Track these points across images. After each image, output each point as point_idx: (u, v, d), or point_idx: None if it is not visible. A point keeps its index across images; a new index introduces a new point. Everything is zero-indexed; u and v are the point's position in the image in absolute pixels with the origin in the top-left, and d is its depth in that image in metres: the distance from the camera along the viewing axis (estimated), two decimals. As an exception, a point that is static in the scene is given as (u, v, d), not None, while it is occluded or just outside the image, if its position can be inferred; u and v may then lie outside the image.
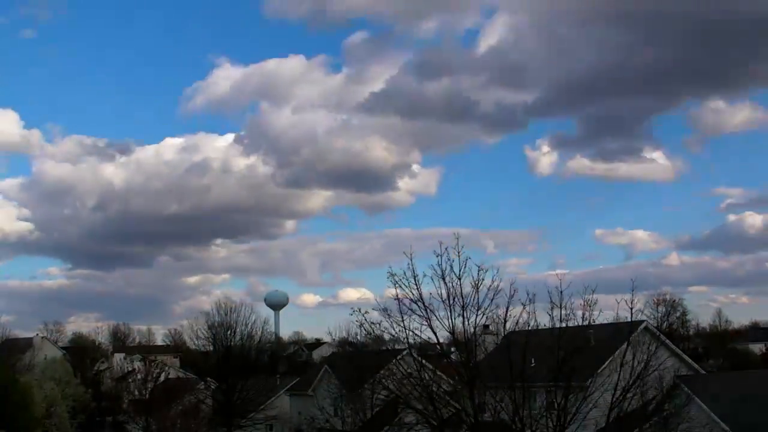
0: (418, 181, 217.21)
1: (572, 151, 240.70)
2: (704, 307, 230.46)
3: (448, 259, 28.86)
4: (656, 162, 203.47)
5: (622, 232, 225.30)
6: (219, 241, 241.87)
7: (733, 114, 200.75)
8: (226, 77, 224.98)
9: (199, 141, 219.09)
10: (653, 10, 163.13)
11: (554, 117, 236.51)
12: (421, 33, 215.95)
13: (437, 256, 28.95)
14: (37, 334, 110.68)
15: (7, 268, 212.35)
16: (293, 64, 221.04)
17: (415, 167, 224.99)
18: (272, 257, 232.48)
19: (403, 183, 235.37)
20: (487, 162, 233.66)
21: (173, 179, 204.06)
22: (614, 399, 29.04)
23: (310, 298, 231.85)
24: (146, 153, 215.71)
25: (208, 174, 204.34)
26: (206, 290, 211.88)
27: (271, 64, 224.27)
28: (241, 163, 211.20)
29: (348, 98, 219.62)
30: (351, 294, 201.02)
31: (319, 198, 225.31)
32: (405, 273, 29.37)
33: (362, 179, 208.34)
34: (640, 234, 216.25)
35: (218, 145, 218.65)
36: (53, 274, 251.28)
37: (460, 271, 28.86)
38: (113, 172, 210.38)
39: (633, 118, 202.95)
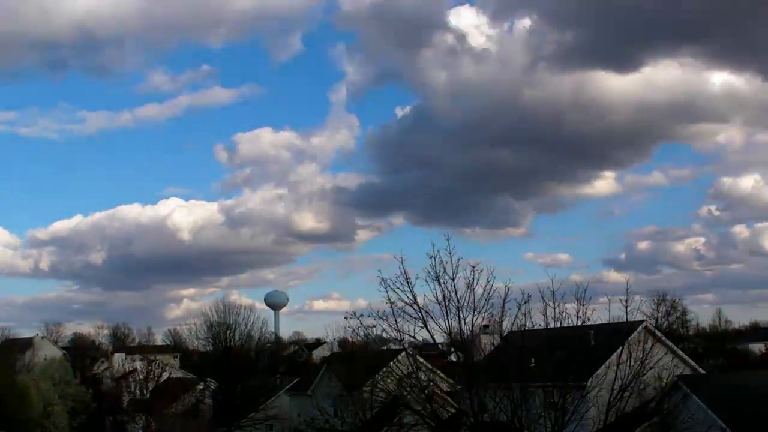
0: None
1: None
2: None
3: (441, 261, 28.83)
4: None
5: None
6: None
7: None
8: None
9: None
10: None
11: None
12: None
13: (431, 258, 28.93)
14: (37, 334, 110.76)
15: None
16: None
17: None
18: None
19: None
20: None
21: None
22: (612, 398, 29.00)
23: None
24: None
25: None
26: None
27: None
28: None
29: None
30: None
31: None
32: (398, 277, 29.29)
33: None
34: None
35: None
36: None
37: (453, 272, 28.83)
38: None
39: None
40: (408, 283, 29.18)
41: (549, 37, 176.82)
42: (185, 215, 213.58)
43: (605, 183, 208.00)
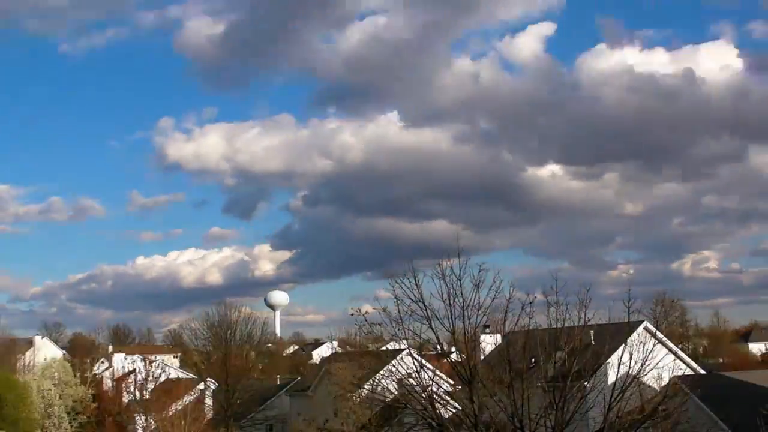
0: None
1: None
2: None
3: (449, 259, 28.96)
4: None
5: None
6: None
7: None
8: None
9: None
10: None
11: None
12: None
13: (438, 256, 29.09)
14: (37, 334, 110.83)
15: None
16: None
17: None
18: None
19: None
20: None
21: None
22: (612, 399, 29.03)
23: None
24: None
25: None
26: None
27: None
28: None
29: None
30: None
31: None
32: (405, 273, 29.46)
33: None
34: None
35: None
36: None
37: (460, 271, 28.94)
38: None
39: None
40: (415, 279, 29.35)
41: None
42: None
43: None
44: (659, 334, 42.83)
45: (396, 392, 34.50)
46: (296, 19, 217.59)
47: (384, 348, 59.38)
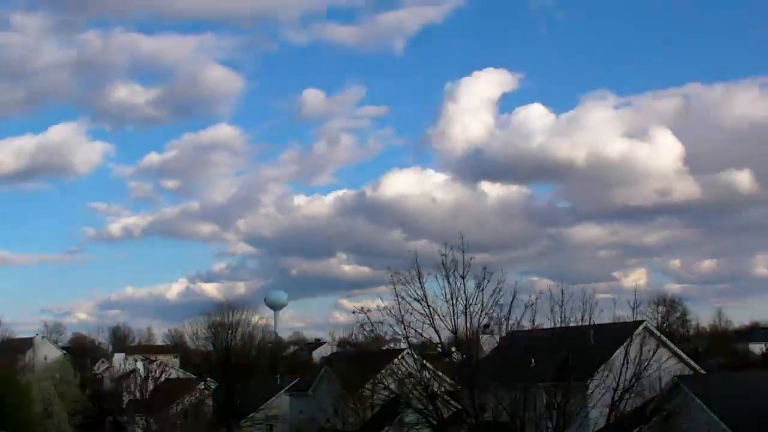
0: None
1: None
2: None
3: (453, 259, 28.99)
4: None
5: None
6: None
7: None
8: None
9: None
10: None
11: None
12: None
13: (442, 255, 29.09)
14: (38, 334, 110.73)
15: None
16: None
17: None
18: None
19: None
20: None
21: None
22: (613, 399, 29.04)
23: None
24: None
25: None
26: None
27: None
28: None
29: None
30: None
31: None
32: (409, 271, 29.50)
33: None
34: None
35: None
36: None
37: (464, 270, 28.96)
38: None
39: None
40: (419, 278, 29.38)
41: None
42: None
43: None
44: (659, 334, 42.85)
45: (397, 392, 34.50)
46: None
47: (385, 348, 59.42)
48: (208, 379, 69.70)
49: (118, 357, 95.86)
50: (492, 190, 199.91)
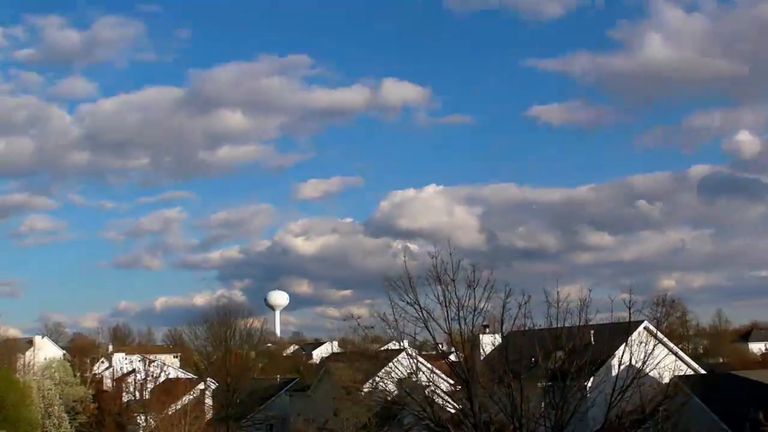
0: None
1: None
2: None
3: (442, 261, 28.96)
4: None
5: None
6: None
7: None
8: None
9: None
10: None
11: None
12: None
13: (432, 258, 29.06)
14: (38, 334, 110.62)
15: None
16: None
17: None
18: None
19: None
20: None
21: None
22: (613, 399, 28.99)
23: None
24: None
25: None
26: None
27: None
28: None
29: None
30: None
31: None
32: (400, 276, 29.45)
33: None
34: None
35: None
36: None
37: (454, 272, 28.93)
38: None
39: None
40: (410, 282, 29.33)
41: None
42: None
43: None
44: (659, 334, 42.80)
45: (395, 392, 34.47)
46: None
47: (384, 348, 59.32)
48: (208, 379, 69.68)
49: (118, 357, 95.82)
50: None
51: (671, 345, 44.72)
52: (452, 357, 34.28)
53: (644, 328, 40.14)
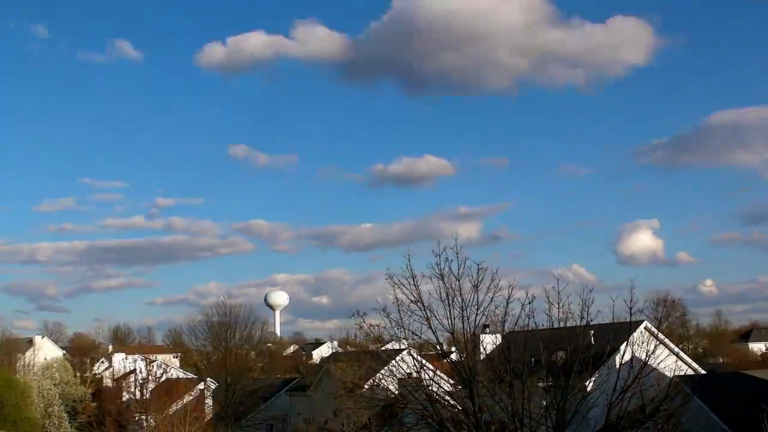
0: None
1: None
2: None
3: (447, 259, 28.89)
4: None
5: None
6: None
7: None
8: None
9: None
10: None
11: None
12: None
13: (436, 256, 29.01)
14: (38, 334, 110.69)
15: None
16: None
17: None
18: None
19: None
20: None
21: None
22: (613, 399, 28.97)
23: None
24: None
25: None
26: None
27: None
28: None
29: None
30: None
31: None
32: (404, 273, 29.40)
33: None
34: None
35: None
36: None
37: (458, 270, 28.86)
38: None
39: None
40: (413, 279, 29.30)
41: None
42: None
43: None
44: (660, 335, 42.80)
45: (396, 392, 34.43)
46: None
47: (384, 348, 59.30)
48: (208, 379, 69.71)
49: (118, 357, 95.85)
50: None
51: (671, 345, 44.74)
52: (453, 356, 34.24)
53: (645, 328, 40.16)
